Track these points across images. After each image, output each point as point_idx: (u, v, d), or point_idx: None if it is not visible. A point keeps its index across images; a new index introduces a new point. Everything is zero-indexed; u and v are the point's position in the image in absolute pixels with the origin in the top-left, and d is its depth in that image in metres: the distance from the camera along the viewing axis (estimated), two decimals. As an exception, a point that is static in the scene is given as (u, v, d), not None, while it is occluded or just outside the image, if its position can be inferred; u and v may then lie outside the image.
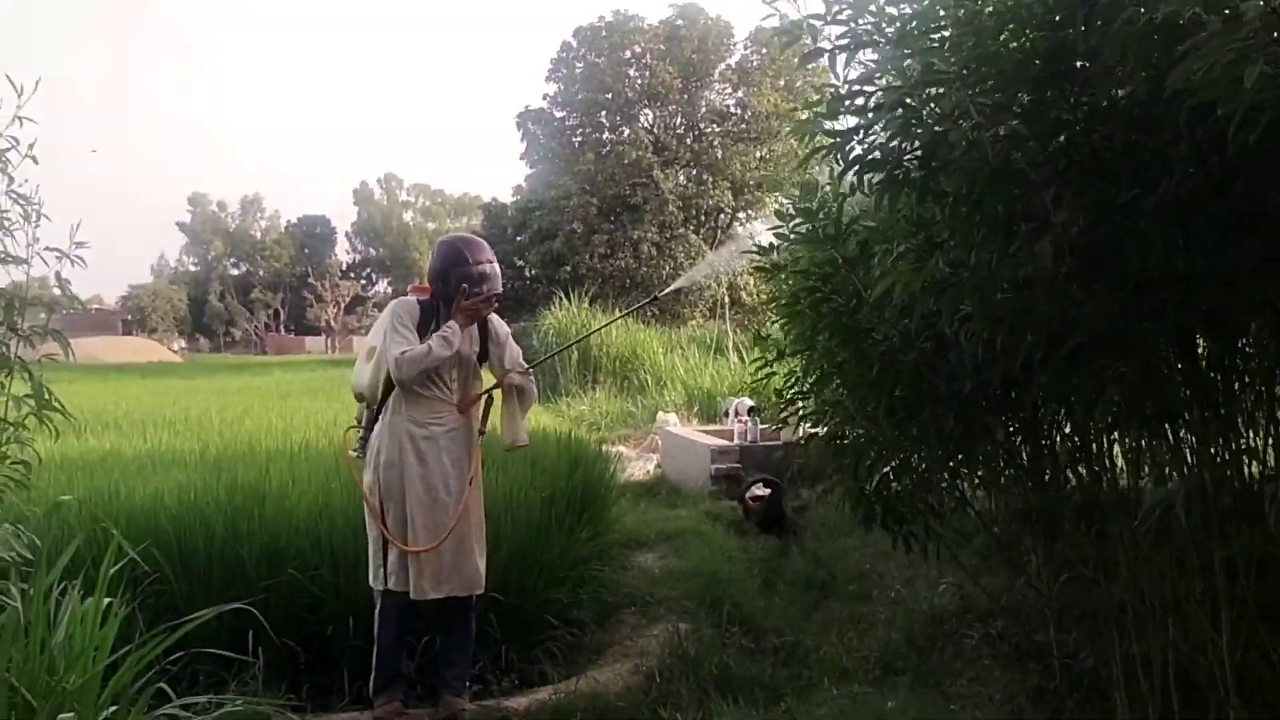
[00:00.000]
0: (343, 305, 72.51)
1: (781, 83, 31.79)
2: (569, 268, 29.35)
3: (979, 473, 4.11)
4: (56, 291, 2.43)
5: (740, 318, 25.93)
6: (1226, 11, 1.90)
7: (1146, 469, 3.33)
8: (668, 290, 3.09)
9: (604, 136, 32.84)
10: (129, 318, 74.01)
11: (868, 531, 6.47)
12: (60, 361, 2.66)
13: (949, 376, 3.34)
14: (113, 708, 2.44)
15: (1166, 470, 3.18)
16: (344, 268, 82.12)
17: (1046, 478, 3.78)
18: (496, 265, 4.31)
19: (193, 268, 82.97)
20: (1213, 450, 2.94)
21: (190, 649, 3.28)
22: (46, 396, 2.29)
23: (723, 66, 32.80)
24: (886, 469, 4.23)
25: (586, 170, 30.91)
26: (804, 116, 3.02)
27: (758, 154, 31.60)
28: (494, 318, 4.44)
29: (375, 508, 4.19)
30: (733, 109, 32.85)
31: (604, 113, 32.67)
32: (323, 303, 72.38)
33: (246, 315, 77.98)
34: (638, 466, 10.99)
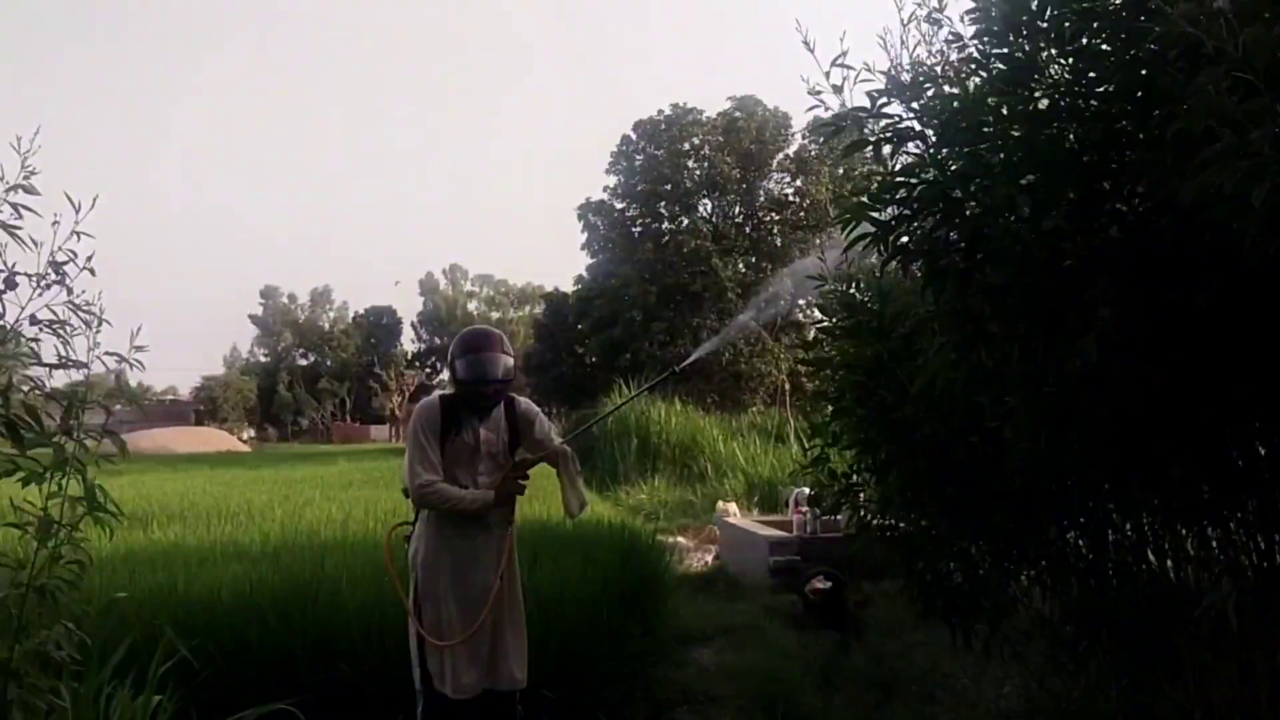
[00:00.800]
0: (407, 394, 73.53)
1: (840, 171, 32.07)
2: (629, 355, 29.56)
3: (1032, 571, 4.00)
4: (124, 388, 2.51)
5: (801, 404, 25.75)
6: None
7: (1205, 573, 3.20)
8: (685, 363, 3.53)
9: (663, 226, 33.35)
10: (201, 408, 75.96)
11: (927, 624, 6.35)
12: (137, 453, 2.70)
13: (998, 473, 3.27)
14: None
15: (1217, 571, 3.06)
16: (409, 357, 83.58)
17: (1105, 576, 3.66)
18: (500, 356, 4.14)
19: (263, 359, 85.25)
20: (1265, 547, 2.83)
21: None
22: (100, 498, 2.35)
23: (781, 156, 33.29)
24: (946, 563, 4.14)
25: (646, 259, 31.34)
26: (847, 206, 3.03)
27: (816, 241, 31.77)
28: (519, 401, 4.32)
29: (411, 608, 4.10)
30: (791, 197, 33.21)
31: (663, 203, 33.25)
32: (388, 391, 73.58)
33: (314, 404, 79.57)
34: (696, 557, 10.87)
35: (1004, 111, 2.63)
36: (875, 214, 2.92)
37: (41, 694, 2.31)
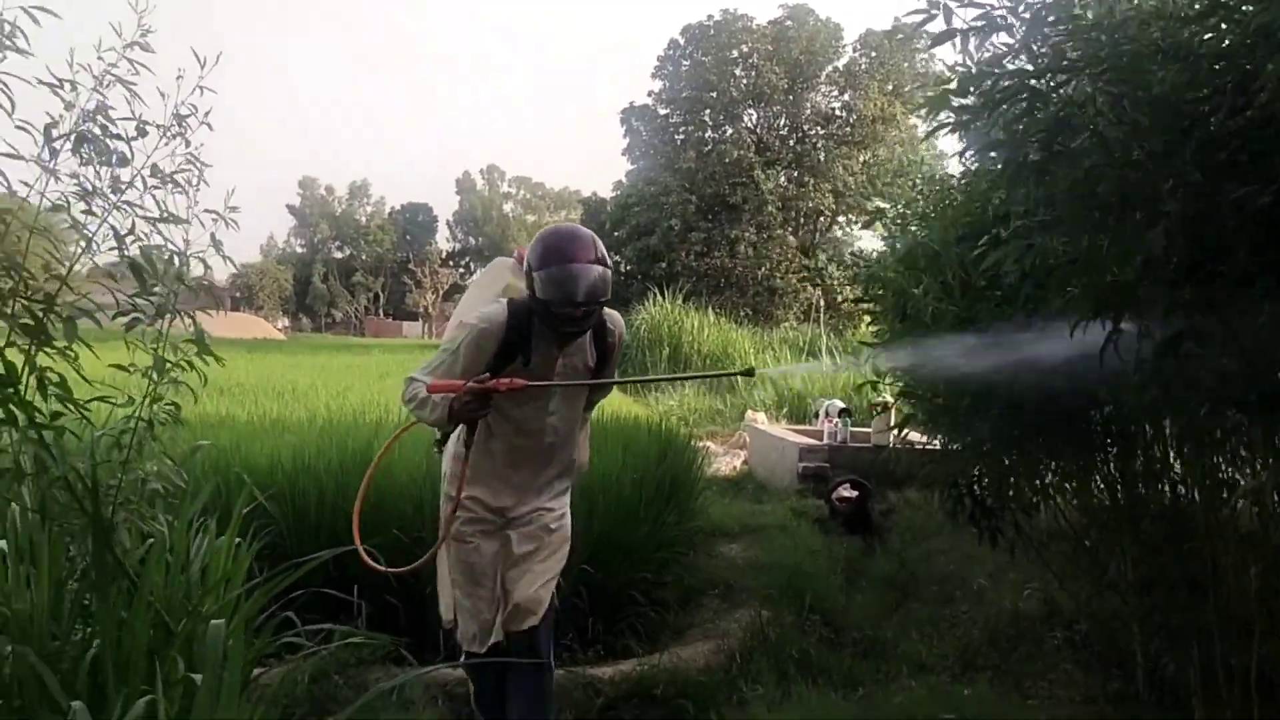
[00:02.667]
0: (441, 292, 73.98)
1: (890, 87, 31.48)
2: (664, 264, 29.59)
3: (1069, 481, 4.14)
4: (210, 252, 2.66)
5: (835, 322, 25.80)
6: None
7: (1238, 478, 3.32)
8: (775, 370, 2.82)
9: (706, 135, 33.02)
10: (237, 294, 76.89)
11: (949, 532, 6.54)
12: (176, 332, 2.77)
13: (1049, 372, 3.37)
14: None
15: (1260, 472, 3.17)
16: (444, 255, 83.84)
17: (1132, 488, 3.79)
18: (594, 269, 3.03)
19: (299, 249, 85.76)
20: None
21: (304, 590, 3.51)
22: (205, 340, 2.53)
23: (830, 69, 32.69)
24: (977, 470, 4.29)
25: (687, 168, 31.11)
26: (931, 96, 3.07)
27: (861, 158, 31.36)
28: (610, 318, 3.35)
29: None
30: (838, 112, 32.70)
31: (708, 111, 32.86)
32: (421, 289, 74.02)
33: (348, 298, 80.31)
34: (724, 462, 11.09)
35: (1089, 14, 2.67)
36: (960, 101, 2.96)
37: (145, 519, 2.52)
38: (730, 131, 32.47)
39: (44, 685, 2.11)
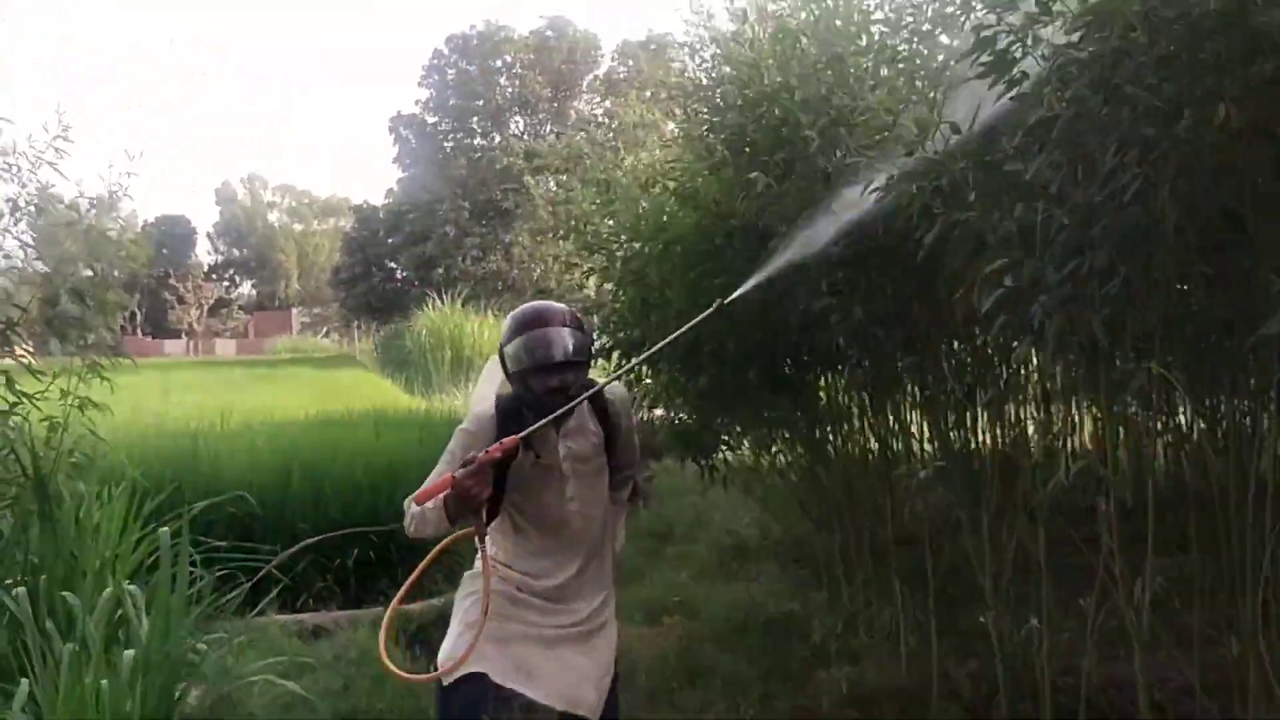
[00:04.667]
0: (205, 307, 70.90)
1: (648, 94, 33.30)
2: (441, 270, 30.20)
3: (772, 434, 5.40)
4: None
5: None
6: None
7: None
8: (731, 297, 2.92)
9: (476, 142, 33.84)
10: (-28, 320, 70.85)
11: (698, 491, 7.85)
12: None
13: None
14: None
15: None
16: (205, 269, 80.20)
17: (823, 439, 5.09)
18: (569, 332, 2.88)
19: (41, 269, 79.67)
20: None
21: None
22: None
23: (590, 77, 34.16)
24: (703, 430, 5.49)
25: (459, 175, 31.84)
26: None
27: (626, 162, 32.98)
28: (609, 390, 3.06)
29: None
30: (600, 118, 34.24)
31: (476, 119, 33.69)
32: (184, 304, 70.63)
33: (102, 319, 75.36)
34: (508, 450, 12.10)
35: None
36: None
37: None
38: (499, 139, 33.48)
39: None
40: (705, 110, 4.80)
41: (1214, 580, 2.88)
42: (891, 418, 4.41)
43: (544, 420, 2.73)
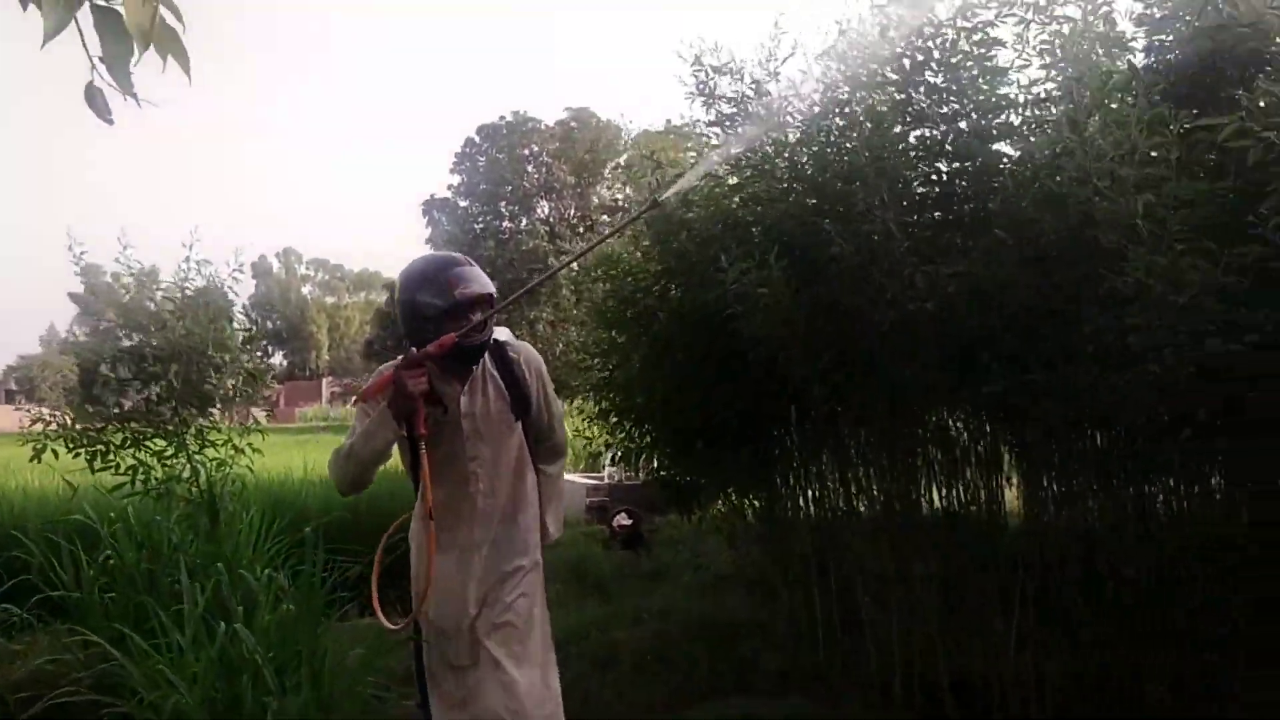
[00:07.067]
0: (241, 378, 72.89)
1: (656, 181, 35.28)
2: (470, 344, 31.82)
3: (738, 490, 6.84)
4: None
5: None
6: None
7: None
8: (668, 194, 2.90)
9: (503, 225, 35.82)
10: (14, 387, 73.34)
11: (694, 541, 9.27)
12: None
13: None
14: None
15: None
16: (241, 340, 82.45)
17: (780, 496, 6.52)
18: (480, 272, 2.95)
19: (83, 337, 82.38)
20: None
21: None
22: None
23: (613, 165, 36.22)
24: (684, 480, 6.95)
25: (487, 255, 33.72)
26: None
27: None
28: (511, 346, 3.08)
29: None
30: (621, 203, 36.17)
31: (504, 203, 35.72)
32: (220, 374, 72.72)
33: (138, 386, 77.67)
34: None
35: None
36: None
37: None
38: (525, 222, 35.51)
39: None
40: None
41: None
42: (836, 478, 5.76)
43: (469, 325, 2.83)
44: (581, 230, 36.00)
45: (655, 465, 6.77)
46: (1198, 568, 3.64)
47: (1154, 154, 2.94)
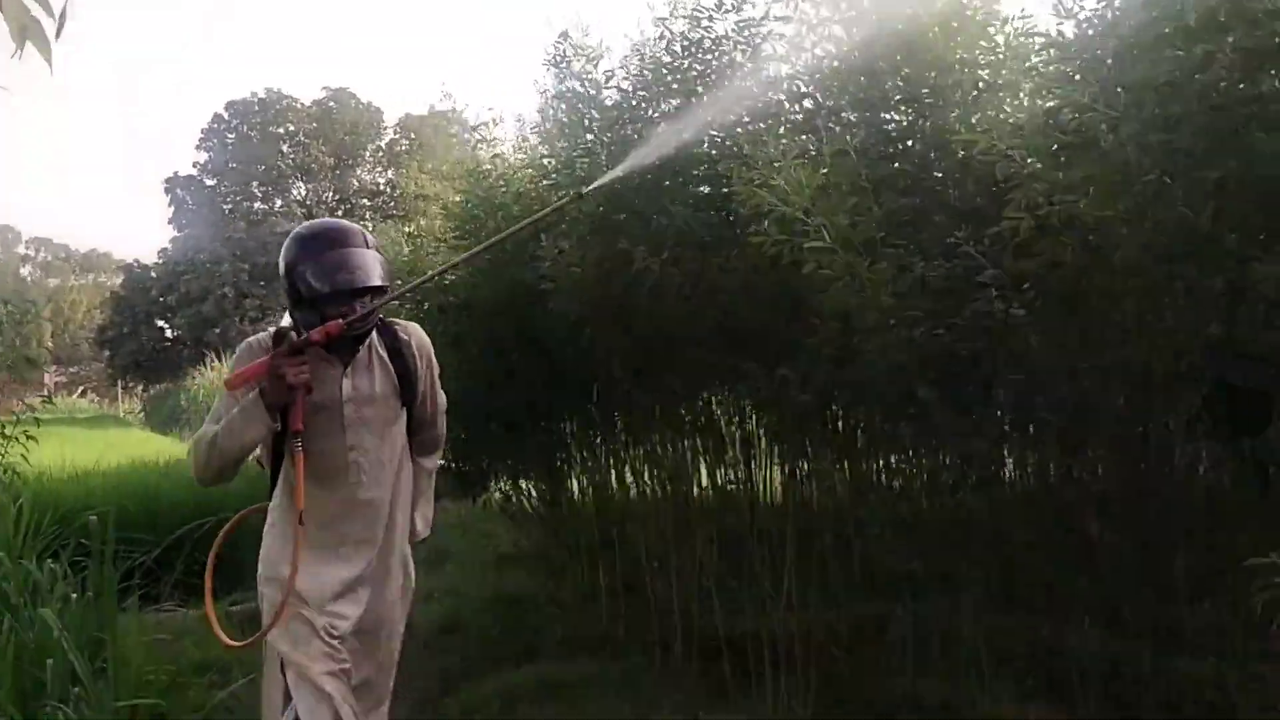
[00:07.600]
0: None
1: (429, 166, 34.88)
2: (219, 330, 30.35)
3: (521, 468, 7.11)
4: None
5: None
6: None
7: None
8: (592, 186, 2.85)
9: (255, 206, 34.26)
10: None
11: (488, 521, 9.40)
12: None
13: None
14: None
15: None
16: (-56, 324, 74.16)
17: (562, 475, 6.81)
18: (374, 253, 2.68)
19: None
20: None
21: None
22: None
23: (373, 148, 35.38)
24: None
25: (238, 238, 32.16)
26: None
27: (406, 230, 34.28)
28: (403, 328, 2.86)
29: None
30: (382, 187, 35.47)
31: (256, 184, 34.12)
32: (-82, 361, 65.13)
33: None
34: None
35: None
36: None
37: None
38: (280, 204, 34.07)
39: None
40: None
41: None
42: (611, 462, 6.10)
43: (356, 315, 2.53)
44: (340, 214, 34.94)
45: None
46: (931, 526, 4.27)
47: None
